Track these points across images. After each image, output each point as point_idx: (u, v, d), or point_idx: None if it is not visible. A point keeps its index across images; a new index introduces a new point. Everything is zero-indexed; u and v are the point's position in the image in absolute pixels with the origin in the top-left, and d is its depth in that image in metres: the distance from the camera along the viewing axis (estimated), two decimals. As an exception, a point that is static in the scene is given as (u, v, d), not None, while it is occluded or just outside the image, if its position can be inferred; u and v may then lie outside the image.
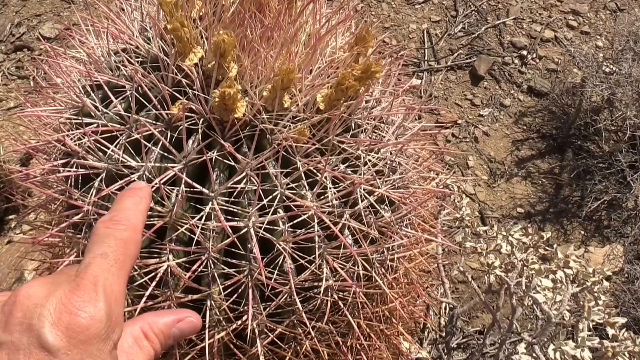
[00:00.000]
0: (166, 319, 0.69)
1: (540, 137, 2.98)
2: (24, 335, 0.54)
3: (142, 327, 0.67)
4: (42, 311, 0.55)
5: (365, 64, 1.00)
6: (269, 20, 1.00)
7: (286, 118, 1.00)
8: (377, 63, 1.01)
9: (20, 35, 2.94)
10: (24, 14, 3.06)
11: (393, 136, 1.17)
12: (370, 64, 1.00)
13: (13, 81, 2.84)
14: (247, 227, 0.98)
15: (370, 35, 1.07)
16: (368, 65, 1.00)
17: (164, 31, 1.00)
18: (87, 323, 0.56)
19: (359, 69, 1.01)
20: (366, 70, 1.00)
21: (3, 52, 2.92)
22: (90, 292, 0.58)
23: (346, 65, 1.05)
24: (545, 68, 3.15)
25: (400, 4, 3.30)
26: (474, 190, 2.79)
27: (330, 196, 1.04)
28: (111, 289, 0.60)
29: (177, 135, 0.99)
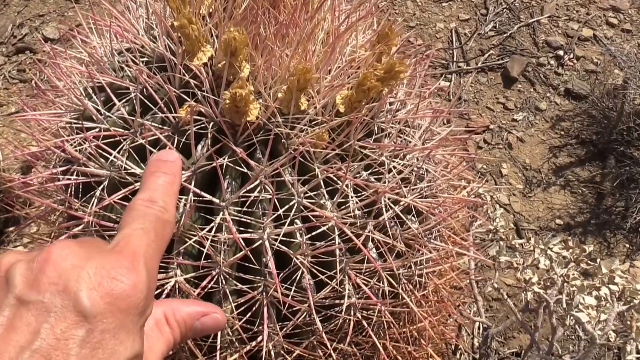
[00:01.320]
0: (191, 309, 0.70)
1: (580, 143, 2.92)
2: (57, 296, 0.53)
3: (165, 311, 0.67)
4: (81, 273, 0.54)
5: (389, 63, 0.98)
6: (283, 16, 0.99)
7: (303, 121, 0.98)
8: (401, 62, 0.99)
9: (22, 36, 2.97)
10: (26, 14, 3.09)
11: (420, 141, 1.14)
12: (393, 63, 0.98)
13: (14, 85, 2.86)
14: (261, 240, 0.96)
15: (393, 32, 1.05)
16: (391, 65, 0.98)
17: (171, 29, 0.99)
18: (129, 291, 0.55)
19: (382, 69, 0.99)
20: (389, 69, 0.98)
21: (4, 55, 2.95)
22: (133, 261, 0.58)
23: (368, 64, 1.03)
24: (583, 69, 3.10)
25: (426, 2, 3.28)
26: (509, 201, 2.74)
27: (352, 206, 1.01)
28: (151, 263, 0.60)
29: (185, 140, 0.97)
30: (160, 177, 0.71)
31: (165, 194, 0.69)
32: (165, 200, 0.68)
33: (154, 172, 0.72)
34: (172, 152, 0.76)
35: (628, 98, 2.75)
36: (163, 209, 0.67)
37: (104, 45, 1.10)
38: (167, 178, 0.71)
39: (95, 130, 1.01)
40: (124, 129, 1.01)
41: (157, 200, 0.68)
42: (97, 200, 0.99)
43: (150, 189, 0.69)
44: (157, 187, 0.70)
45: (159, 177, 0.71)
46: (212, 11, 1.02)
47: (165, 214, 0.67)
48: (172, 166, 0.73)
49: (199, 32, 0.94)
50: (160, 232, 0.65)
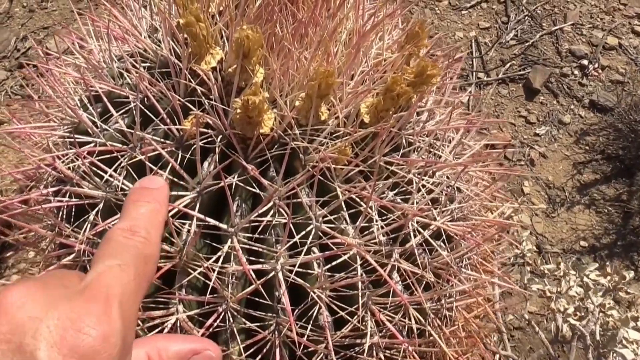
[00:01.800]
0: (180, 347, 0.60)
1: (605, 158, 2.80)
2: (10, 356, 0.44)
3: (148, 352, 0.58)
4: (40, 326, 0.45)
5: (420, 66, 0.86)
6: (302, 14, 0.88)
7: (323, 134, 0.87)
8: (433, 64, 0.87)
9: (25, 50, 2.88)
10: (30, 27, 3.00)
11: (451, 156, 1.03)
12: (425, 65, 0.87)
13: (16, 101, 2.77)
14: (274, 271, 0.85)
15: (424, 31, 0.94)
16: (423, 67, 0.86)
17: (177, 29, 0.88)
18: (98, 346, 0.46)
19: (412, 72, 0.88)
20: (421, 73, 0.87)
21: (7, 69, 2.85)
22: (105, 307, 0.49)
23: (396, 67, 0.92)
24: (609, 79, 2.98)
25: (445, 10, 3.17)
26: (531, 221, 2.62)
27: (376, 231, 0.90)
28: (128, 307, 0.51)
29: (189, 156, 0.86)
30: (143, 205, 0.62)
31: (148, 224, 0.60)
32: (149, 231, 0.59)
33: (136, 201, 0.63)
34: (157, 179, 0.67)
35: (658, 111, 2.63)
36: (145, 241, 0.58)
37: (102, 50, 1.00)
38: (150, 206, 0.63)
39: (90, 146, 0.91)
40: (122, 143, 0.90)
41: (139, 231, 0.59)
42: (90, 226, 0.88)
43: (131, 217, 0.61)
44: (139, 216, 0.61)
45: (142, 206, 0.62)
46: (223, 9, 0.91)
47: (148, 247, 0.58)
48: (157, 194, 0.64)
49: (207, 32, 0.83)
50: (141, 268, 0.56)
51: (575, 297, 1.41)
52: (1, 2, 3.08)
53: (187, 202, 0.85)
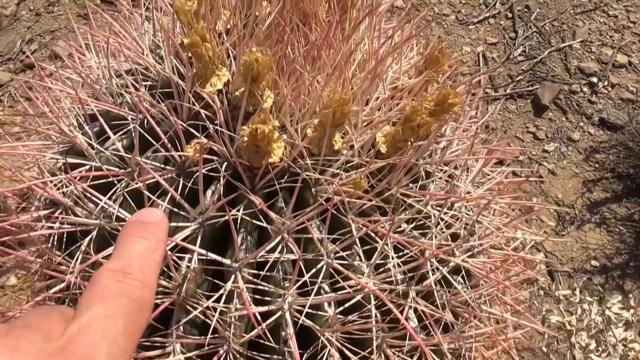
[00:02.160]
0: None
1: (616, 177, 2.72)
2: None
3: None
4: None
5: (441, 94, 0.79)
6: (315, 35, 0.80)
7: (336, 164, 0.79)
8: (455, 92, 0.80)
9: (31, 52, 2.81)
10: (36, 30, 2.93)
11: (470, 186, 0.95)
12: (447, 93, 0.79)
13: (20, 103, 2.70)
14: (281, 311, 0.77)
15: (445, 56, 0.86)
16: (445, 95, 0.79)
17: (180, 48, 0.80)
18: None
19: (432, 100, 0.80)
20: (442, 101, 0.79)
21: (11, 71, 2.79)
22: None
23: (414, 94, 0.85)
24: (619, 97, 2.90)
25: (452, 24, 3.10)
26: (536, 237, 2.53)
27: (392, 268, 0.82)
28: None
29: (191, 185, 0.79)
30: (138, 242, 0.54)
31: (143, 264, 0.52)
32: (143, 272, 0.51)
33: (131, 236, 0.54)
34: (155, 212, 0.58)
35: (670, 130, 2.55)
36: (139, 284, 0.50)
37: (102, 66, 0.92)
38: (147, 243, 0.54)
39: (84, 169, 0.83)
40: (119, 167, 0.83)
41: (132, 272, 0.50)
42: (82, 255, 0.81)
43: (125, 256, 0.52)
44: (133, 255, 0.53)
45: (137, 242, 0.54)
46: (231, 27, 0.84)
47: (142, 292, 0.50)
48: (154, 229, 0.56)
49: (213, 52, 0.75)
50: (133, 318, 0.48)
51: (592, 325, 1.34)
52: (8, 5, 3.02)
53: (188, 234, 0.78)
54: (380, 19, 0.91)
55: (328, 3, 0.84)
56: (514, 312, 1.00)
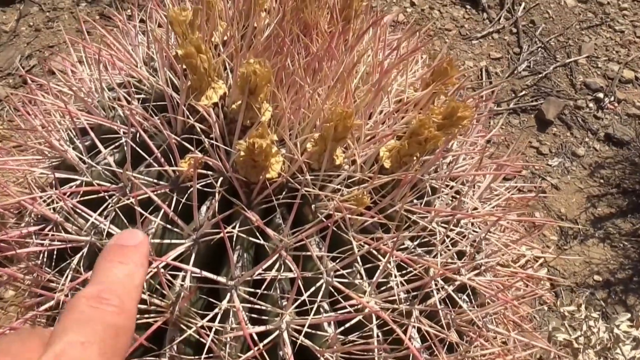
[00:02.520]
0: None
1: (621, 192, 2.68)
2: None
3: None
4: None
5: (450, 107, 0.75)
6: (316, 46, 0.77)
7: (338, 179, 0.76)
8: (465, 105, 0.76)
9: (30, 68, 2.79)
10: (35, 45, 2.92)
11: (478, 202, 0.91)
12: (456, 106, 0.76)
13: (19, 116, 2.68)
14: (278, 331, 0.73)
15: (453, 68, 0.83)
16: (453, 108, 0.75)
17: (175, 60, 0.77)
18: None
19: (440, 113, 0.77)
20: (450, 114, 0.76)
21: (11, 86, 2.77)
22: None
23: (420, 107, 0.81)
24: (625, 113, 2.87)
25: (455, 39, 3.07)
26: (542, 253, 2.49)
27: (395, 287, 0.78)
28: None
29: (185, 201, 0.75)
30: (116, 267, 0.51)
31: (121, 289, 0.49)
32: (121, 298, 0.48)
33: (109, 261, 0.52)
34: (136, 233, 0.55)
35: (676, 146, 2.51)
36: (116, 310, 0.47)
37: (94, 79, 0.89)
38: (125, 268, 0.51)
39: (75, 184, 0.80)
40: (111, 182, 0.79)
41: (109, 298, 0.47)
42: (72, 272, 0.77)
43: (101, 281, 0.49)
44: (112, 280, 0.50)
45: (115, 267, 0.51)
46: (228, 39, 0.81)
47: (119, 318, 0.47)
48: (133, 253, 0.53)
49: (209, 64, 0.72)
50: (109, 344, 0.45)
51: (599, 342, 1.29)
52: (8, 20, 3.01)
53: (182, 251, 0.74)
54: (384, 30, 0.88)
55: (330, 13, 0.81)
56: (519, 331, 0.96)
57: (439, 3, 3.21)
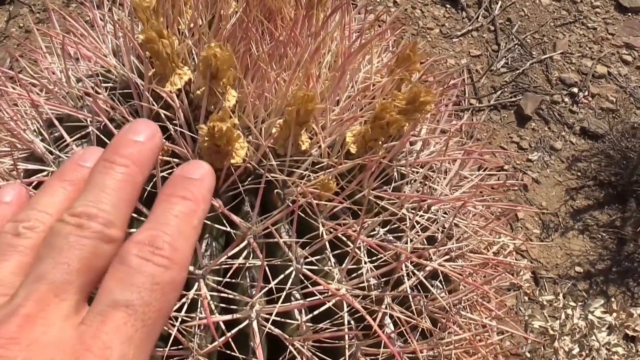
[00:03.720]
0: None
1: (598, 184, 2.67)
2: None
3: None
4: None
5: (412, 92, 0.73)
6: (281, 32, 0.74)
7: (304, 165, 0.73)
8: (427, 90, 0.74)
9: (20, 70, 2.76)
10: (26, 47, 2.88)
11: (447, 189, 0.89)
12: (418, 90, 0.73)
13: (9, 121, 2.63)
14: (248, 320, 0.71)
15: (416, 54, 0.80)
16: (416, 93, 0.73)
17: (140, 47, 0.74)
18: None
19: (403, 98, 0.74)
20: (413, 99, 0.73)
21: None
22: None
23: (386, 93, 0.79)
24: (599, 107, 2.86)
25: (436, 38, 3.05)
26: (525, 247, 2.47)
27: (365, 273, 0.76)
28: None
29: (151, 189, 0.72)
30: (176, 204, 0.44)
31: (177, 235, 0.42)
32: (175, 245, 0.41)
33: (170, 196, 0.45)
34: (200, 164, 0.48)
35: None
36: (169, 262, 0.41)
37: (63, 69, 0.86)
38: (186, 206, 0.44)
39: (42, 174, 0.77)
40: (79, 172, 0.76)
41: (162, 247, 0.41)
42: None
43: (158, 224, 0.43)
44: (168, 222, 0.43)
45: (175, 204, 0.44)
46: (194, 26, 0.78)
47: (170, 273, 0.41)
48: (197, 187, 0.46)
49: (172, 49, 0.69)
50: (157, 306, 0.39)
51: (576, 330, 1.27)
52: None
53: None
54: (351, 19, 0.86)
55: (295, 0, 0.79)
56: (497, 318, 0.94)
57: (420, 2, 3.19)
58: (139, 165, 0.45)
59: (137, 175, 0.45)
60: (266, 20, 0.73)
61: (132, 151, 0.46)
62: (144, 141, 0.47)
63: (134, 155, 0.45)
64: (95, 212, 0.42)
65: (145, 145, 0.47)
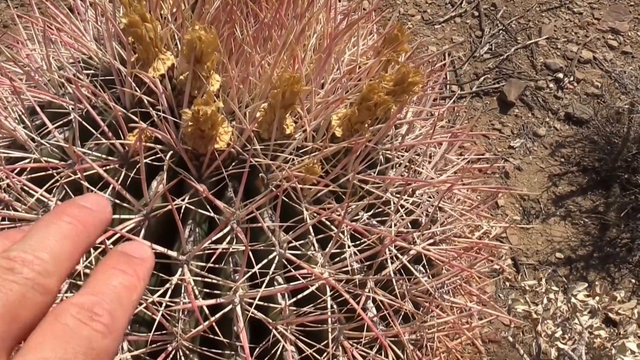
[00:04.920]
0: None
1: (581, 170, 2.70)
2: None
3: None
4: None
5: (400, 72, 0.74)
6: (265, 14, 0.75)
7: (288, 149, 0.74)
8: (415, 70, 0.75)
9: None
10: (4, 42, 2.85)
11: (432, 172, 0.90)
12: (406, 71, 0.74)
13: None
14: (232, 304, 0.72)
15: (404, 34, 0.81)
16: (404, 74, 0.74)
17: (122, 33, 0.75)
18: None
19: (391, 80, 0.75)
20: (401, 80, 0.75)
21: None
22: None
23: (372, 74, 0.80)
24: (584, 92, 2.89)
25: (418, 24, 3.06)
26: (506, 233, 2.50)
27: (348, 257, 0.77)
28: None
29: (135, 175, 0.73)
30: (117, 275, 0.44)
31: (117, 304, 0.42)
32: (114, 315, 0.41)
33: (110, 267, 0.44)
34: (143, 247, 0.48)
35: (634, 123, 2.53)
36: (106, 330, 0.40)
37: (45, 56, 0.86)
38: (126, 279, 0.44)
39: (23, 162, 0.77)
40: (61, 159, 0.77)
41: (101, 314, 0.40)
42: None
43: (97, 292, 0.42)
44: (108, 290, 0.42)
45: (116, 276, 0.44)
46: (177, 10, 0.78)
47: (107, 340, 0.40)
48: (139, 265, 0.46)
49: (155, 34, 0.70)
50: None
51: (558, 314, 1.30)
52: (-25, 16, 2.93)
53: (132, 226, 0.72)
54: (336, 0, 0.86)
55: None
56: (479, 303, 0.96)
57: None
58: (85, 227, 0.45)
59: (82, 234, 0.44)
60: (251, 2, 0.74)
61: (79, 213, 0.44)
62: (93, 210, 0.46)
63: (81, 217, 0.44)
64: (32, 258, 0.40)
65: (94, 214, 0.46)
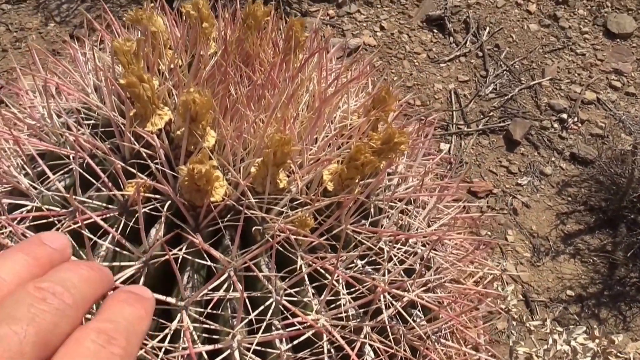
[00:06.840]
0: None
1: (588, 209, 2.72)
2: None
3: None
4: None
5: (386, 133, 0.78)
6: (259, 75, 0.79)
7: (282, 202, 0.77)
8: (401, 131, 0.79)
9: (1, 104, 2.80)
10: (3, 66, 2.91)
11: (425, 222, 0.93)
12: (392, 132, 0.78)
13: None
14: (230, 349, 0.74)
15: (391, 96, 0.85)
16: (390, 134, 0.78)
17: (121, 88, 0.79)
18: None
19: (378, 139, 0.79)
20: (387, 140, 0.78)
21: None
22: None
23: (361, 133, 0.83)
24: (588, 133, 2.92)
25: (423, 62, 3.12)
26: (516, 270, 2.52)
27: (344, 304, 0.80)
28: None
29: (134, 224, 0.76)
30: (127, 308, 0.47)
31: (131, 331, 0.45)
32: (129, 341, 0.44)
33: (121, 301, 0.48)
34: (145, 289, 0.52)
35: (638, 164, 2.56)
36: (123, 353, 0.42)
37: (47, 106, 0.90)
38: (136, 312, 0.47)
39: (25, 209, 0.81)
40: (62, 207, 0.80)
41: (118, 338, 0.43)
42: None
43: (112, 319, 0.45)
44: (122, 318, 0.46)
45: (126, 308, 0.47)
46: (174, 67, 0.83)
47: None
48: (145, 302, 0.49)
49: (152, 92, 0.74)
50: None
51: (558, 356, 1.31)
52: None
53: (132, 273, 0.75)
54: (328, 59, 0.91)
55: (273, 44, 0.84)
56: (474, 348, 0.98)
57: (407, 27, 3.27)
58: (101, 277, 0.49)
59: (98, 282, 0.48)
60: (244, 65, 0.78)
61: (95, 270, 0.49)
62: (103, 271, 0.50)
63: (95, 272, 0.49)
64: (61, 290, 0.43)
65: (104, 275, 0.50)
